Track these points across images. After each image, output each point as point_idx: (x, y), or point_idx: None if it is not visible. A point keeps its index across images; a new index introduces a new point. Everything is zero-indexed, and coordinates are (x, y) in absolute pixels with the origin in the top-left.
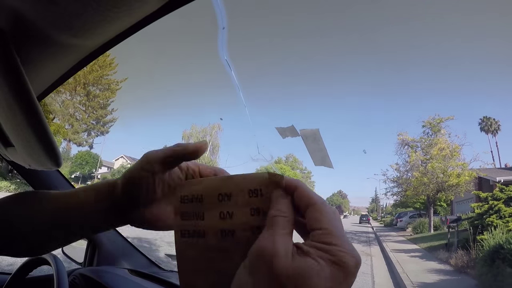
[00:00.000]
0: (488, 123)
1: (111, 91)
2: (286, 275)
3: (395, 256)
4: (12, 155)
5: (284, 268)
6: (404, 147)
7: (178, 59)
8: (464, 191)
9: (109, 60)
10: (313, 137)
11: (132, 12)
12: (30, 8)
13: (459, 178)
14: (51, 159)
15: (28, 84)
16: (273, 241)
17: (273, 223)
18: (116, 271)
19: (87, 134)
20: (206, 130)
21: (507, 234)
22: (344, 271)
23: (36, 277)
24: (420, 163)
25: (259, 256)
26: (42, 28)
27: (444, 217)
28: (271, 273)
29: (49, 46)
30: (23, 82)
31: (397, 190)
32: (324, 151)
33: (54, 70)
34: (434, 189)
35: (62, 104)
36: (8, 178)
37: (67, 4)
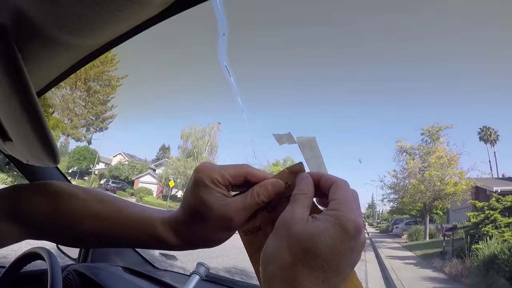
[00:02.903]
0: (488, 133)
1: (111, 88)
2: (299, 234)
3: (390, 263)
4: (11, 150)
5: (298, 230)
6: (402, 154)
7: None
8: (460, 200)
9: (110, 56)
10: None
11: (134, 14)
12: (32, 7)
13: (456, 187)
14: (49, 156)
15: (28, 80)
16: (292, 212)
17: (294, 199)
18: (110, 268)
19: (86, 129)
20: (205, 130)
21: (502, 244)
22: (344, 232)
23: (30, 271)
24: (417, 170)
25: (281, 224)
26: (43, 26)
27: (440, 225)
28: (288, 234)
29: (50, 44)
30: (24, 78)
31: (393, 196)
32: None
33: (54, 68)
34: (431, 197)
35: (62, 99)
36: (6, 171)
37: (69, 5)
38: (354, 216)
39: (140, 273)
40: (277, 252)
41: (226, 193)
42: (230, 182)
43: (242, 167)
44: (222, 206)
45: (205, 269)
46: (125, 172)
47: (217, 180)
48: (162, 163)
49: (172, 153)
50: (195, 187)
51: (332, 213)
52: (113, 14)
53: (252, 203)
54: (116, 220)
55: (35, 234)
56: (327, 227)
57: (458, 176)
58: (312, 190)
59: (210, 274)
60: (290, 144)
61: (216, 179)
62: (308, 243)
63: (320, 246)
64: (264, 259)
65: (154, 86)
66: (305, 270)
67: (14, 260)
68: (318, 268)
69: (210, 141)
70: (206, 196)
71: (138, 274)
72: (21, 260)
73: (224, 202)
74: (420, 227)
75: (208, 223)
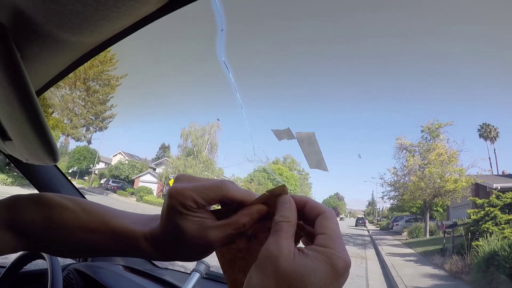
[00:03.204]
0: (487, 130)
1: (111, 87)
2: (288, 273)
3: (390, 260)
4: (10, 149)
5: (286, 267)
6: (402, 151)
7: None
8: (460, 197)
9: (109, 55)
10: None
11: (132, 11)
12: (30, 5)
13: (456, 184)
14: (49, 154)
15: (27, 79)
16: (278, 244)
17: (278, 228)
18: (110, 267)
19: (86, 129)
20: (205, 128)
21: (502, 241)
22: (333, 272)
23: (30, 271)
24: (417, 167)
25: (266, 257)
26: (42, 25)
27: (440, 222)
28: (276, 271)
29: (49, 42)
30: (22, 77)
31: (394, 194)
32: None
33: (53, 66)
34: (431, 194)
35: (62, 99)
36: (6, 171)
37: (67, 3)
38: (344, 254)
39: (141, 271)
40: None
41: (204, 216)
42: (204, 206)
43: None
44: (201, 232)
45: (206, 267)
46: (125, 171)
47: (190, 206)
48: (162, 162)
49: (172, 152)
50: (170, 213)
51: (322, 250)
52: (111, 12)
53: (235, 233)
54: (102, 232)
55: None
56: (317, 266)
57: (458, 173)
58: (295, 216)
59: (210, 272)
60: (290, 140)
61: (189, 205)
62: (297, 282)
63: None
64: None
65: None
66: None
67: (14, 260)
68: None
69: (210, 140)
70: (183, 223)
71: (139, 272)
72: (21, 260)
73: (203, 228)
74: (420, 224)
75: (187, 246)
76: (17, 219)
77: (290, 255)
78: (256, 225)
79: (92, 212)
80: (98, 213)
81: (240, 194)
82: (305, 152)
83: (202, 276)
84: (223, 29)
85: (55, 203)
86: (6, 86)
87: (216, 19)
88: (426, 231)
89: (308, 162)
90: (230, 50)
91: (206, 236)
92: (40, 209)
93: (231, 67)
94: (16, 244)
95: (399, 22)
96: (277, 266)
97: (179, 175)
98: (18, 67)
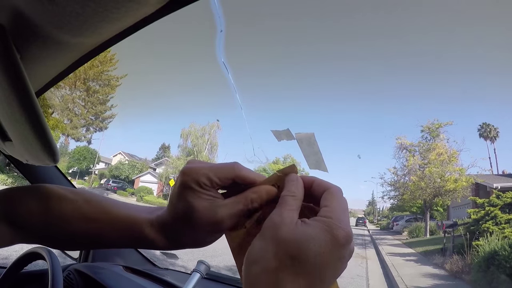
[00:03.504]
0: (487, 129)
1: (110, 87)
2: (287, 239)
3: (391, 260)
4: (10, 150)
5: (286, 234)
6: (402, 151)
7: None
8: (461, 196)
9: (109, 56)
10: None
11: (131, 13)
12: (30, 6)
13: (456, 184)
14: (49, 155)
15: (27, 80)
16: (281, 214)
17: (283, 201)
18: (111, 267)
19: (86, 129)
20: (205, 129)
21: (503, 241)
22: (334, 240)
23: (31, 271)
24: (417, 167)
25: (269, 226)
26: (41, 26)
27: (440, 222)
28: (276, 237)
29: (48, 44)
30: (22, 78)
31: (394, 193)
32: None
33: (53, 67)
34: (431, 193)
35: (62, 99)
36: (6, 171)
37: (66, 4)
38: (345, 225)
39: (141, 272)
40: (262, 255)
41: (215, 195)
42: (218, 184)
43: (231, 168)
44: (211, 210)
45: (206, 267)
46: (125, 171)
47: (204, 183)
48: (162, 162)
49: (172, 152)
50: (182, 191)
51: (323, 219)
52: (110, 13)
53: (245, 209)
54: (104, 221)
55: (29, 238)
56: (317, 234)
57: (458, 172)
58: (301, 192)
59: (211, 272)
60: (289, 141)
61: (203, 182)
62: (296, 248)
63: (307, 252)
64: (249, 259)
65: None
66: (289, 275)
67: (15, 260)
68: (303, 274)
69: (210, 140)
70: (195, 201)
71: (139, 273)
72: (22, 260)
73: (213, 206)
74: (420, 224)
75: (197, 226)
76: (13, 211)
77: (292, 224)
78: (265, 207)
79: (93, 202)
80: (100, 203)
81: (252, 175)
82: (304, 153)
83: (203, 276)
84: (222, 29)
85: (53, 193)
86: (6, 87)
87: (215, 20)
88: (427, 230)
89: (308, 163)
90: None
91: (216, 214)
92: (37, 200)
93: (231, 67)
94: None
95: (399, 22)
96: (277, 233)
97: (191, 160)
98: (18, 68)
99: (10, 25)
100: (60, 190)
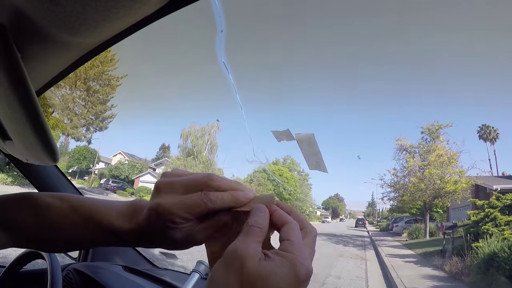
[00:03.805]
0: (487, 131)
1: (111, 87)
2: (253, 275)
3: (390, 261)
4: (10, 149)
5: (251, 269)
6: (402, 152)
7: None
8: (460, 198)
9: (110, 56)
10: (308, 141)
11: (131, 12)
12: (31, 6)
13: (456, 185)
14: (49, 154)
15: (27, 79)
16: (247, 245)
17: (249, 231)
18: (110, 267)
19: (86, 129)
20: (205, 129)
21: (502, 243)
22: (296, 278)
23: (30, 271)
24: (417, 168)
25: (232, 255)
26: (42, 26)
27: (440, 223)
28: (241, 271)
29: (49, 43)
30: (23, 77)
31: (394, 195)
32: (318, 155)
33: (53, 66)
34: (431, 195)
35: (62, 98)
36: (6, 171)
37: (67, 4)
38: (307, 262)
39: (140, 272)
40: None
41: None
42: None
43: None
44: (188, 237)
45: (205, 267)
46: (125, 171)
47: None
48: (162, 162)
49: (172, 152)
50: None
51: (286, 255)
52: (110, 12)
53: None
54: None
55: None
56: (282, 271)
57: (458, 174)
58: (267, 226)
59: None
60: (289, 141)
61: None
62: (260, 285)
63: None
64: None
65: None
66: None
67: (14, 260)
68: None
69: (210, 140)
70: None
71: (138, 273)
72: (21, 259)
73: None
74: (420, 226)
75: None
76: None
77: (257, 258)
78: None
79: (79, 209)
80: (84, 210)
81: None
82: (304, 153)
83: (202, 276)
84: (222, 30)
85: (42, 202)
86: (7, 86)
87: (216, 20)
88: (426, 232)
89: (308, 163)
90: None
91: (193, 239)
92: (27, 210)
93: (231, 68)
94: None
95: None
96: (242, 267)
97: (166, 172)
98: (19, 67)
99: (11, 24)
100: (48, 198)
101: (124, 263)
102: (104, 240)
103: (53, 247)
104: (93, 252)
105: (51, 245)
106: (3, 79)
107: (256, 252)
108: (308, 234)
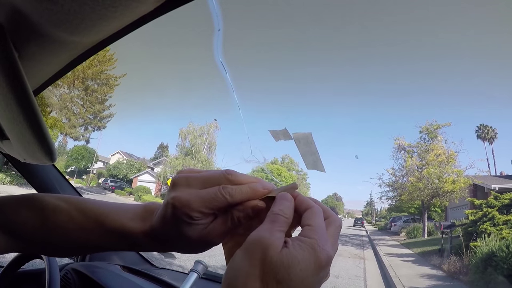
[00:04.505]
0: (485, 131)
1: (109, 87)
2: (275, 264)
3: (388, 260)
4: (8, 149)
5: (274, 258)
6: (401, 152)
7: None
8: (458, 197)
9: (108, 55)
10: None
11: (129, 11)
12: (28, 5)
13: (454, 185)
14: (46, 154)
15: (25, 78)
16: (271, 234)
17: (273, 219)
18: (108, 267)
19: (84, 128)
20: (204, 128)
21: (500, 242)
22: (317, 265)
23: (28, 270)
24: (415, 168)
25: (255, 243)
26: (39, 24)
27: (438, 222)
28: (263, 259)
29: (46, 42)
30: (20, 76)
31: (392, 194)
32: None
33: (51, 66)
34: (429, 194)
35: (60, 98)
36: (4, 170)
37: (64, 3)
38: (328, 247)
39: (139, 271)
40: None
41: (206, 221)
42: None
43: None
44: (203, 235)
45: (203, 267)
46: (124, 171)
47: (196, 217)
48: (161, 161)
49: (171, 152)
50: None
51: (307, 240)
52: (108, 11)
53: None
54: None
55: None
56: (303, 258)
57: (456, 174)
58: (292, 216)
59: (208, 272)
60: (286, 140)
61: (195, 216)
62: (283, 274)
63: (293, 277)
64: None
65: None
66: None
67: (12, 259)
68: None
69: (208, 140)
70: (187, 230)
71: (137, 272)
72: (19, 259)
73: (205, 231)
74: (418, 225)
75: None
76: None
77: (280, 246)
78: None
79: (87, 212)
80: (93, 212)
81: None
82: (302, 153)
83: (200, 276)
84: (220, 29)
85: (47, 204)
86: (4, 86)
87: (213, 19)
88: (424, 231)
89: (305, 163)
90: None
91: (208, 237)
92: (31, 211)
93: (229, 67)
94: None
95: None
96: (265, 255)
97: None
98: (16, 66)
99: (8, 23)
100: (54, 200)
101: (123, 262)
102: (113, 244)
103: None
104: None
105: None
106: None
107: (280, 241)
108: (332, 224)
